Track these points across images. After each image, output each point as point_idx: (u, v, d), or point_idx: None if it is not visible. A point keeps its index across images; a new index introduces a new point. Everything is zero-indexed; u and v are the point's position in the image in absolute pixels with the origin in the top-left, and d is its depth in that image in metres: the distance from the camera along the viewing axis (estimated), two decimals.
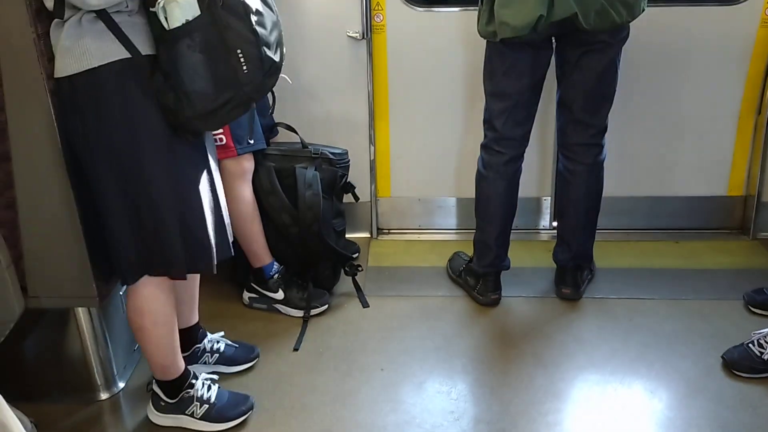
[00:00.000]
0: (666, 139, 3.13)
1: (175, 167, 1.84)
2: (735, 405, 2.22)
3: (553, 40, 2.47)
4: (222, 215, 2.00)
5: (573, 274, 2.78)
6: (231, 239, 2.06)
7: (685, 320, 2.63)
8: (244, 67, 1.72)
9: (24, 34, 1.78)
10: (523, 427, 2.17)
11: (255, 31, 1.71)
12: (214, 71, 1.72)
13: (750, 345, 2.35)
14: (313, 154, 2.76)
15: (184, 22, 1.68)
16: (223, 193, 2.07)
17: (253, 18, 1.72)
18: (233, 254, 2.06)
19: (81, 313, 2.22)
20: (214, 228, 1.95)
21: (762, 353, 2.31)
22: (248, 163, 2.62)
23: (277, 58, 1.78)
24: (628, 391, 2.31)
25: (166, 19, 1.68)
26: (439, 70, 3.05)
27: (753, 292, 2.68)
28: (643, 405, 2.26)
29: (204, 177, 1.92)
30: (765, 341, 2.33)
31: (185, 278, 1.98)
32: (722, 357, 2.37)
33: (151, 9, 1.72)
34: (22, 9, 1.75)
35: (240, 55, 1.71)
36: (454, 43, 3.00)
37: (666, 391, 2.30)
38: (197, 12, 1.68)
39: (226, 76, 1.73)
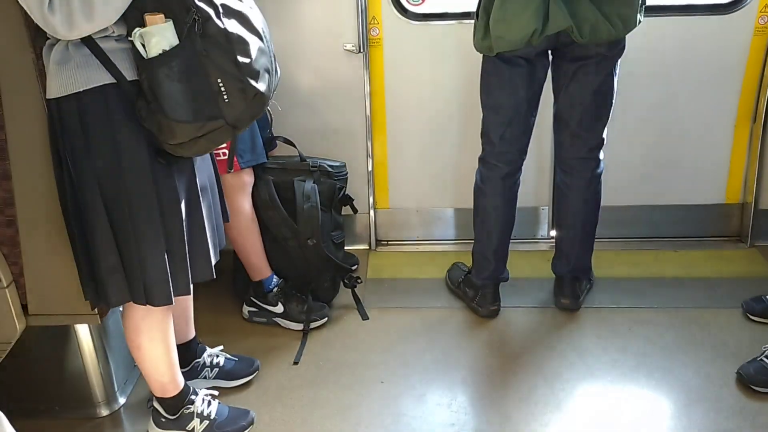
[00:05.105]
0: (663, 148, 3.13)
1: (157, 196, 1.80)
2: (735, 413, 2.22)
3: (550, 54, 2.48)
4: (206, 238, 1.95)
5: (572, 285, 2.77)
6: (215, 260, 2.02)
7: (685, 329, 2.63)
8: (225, 97, 1.68)
9: (23, 53, 1.79)
10: None
11: (237, 60, 1.67)
12: (194, 100, 1.68)
13: (764, 359, 2.33)
14: (312, 167, 2.77)
15: (161, 51, 1.64)
16: (220, 211, 2.08)
17: (236, 47, 1.67)
18: (214, 277, 2.01)
19: (81, 329, 2.23)
20: (191, 253, 1.90)
21: None
22: (248, 177, 2.64)
23: (262, 87, 1.71)
24: (629, 400, 2.32)
25: (144, 47, 1.64)
26: (435, 82, 3.06)
27: (751, 300, 2.68)
28: (644, 414, 2.26)
29: (188, 202, 1.88)
30: None
31: (172, 303, 1.93)
32: (738, 372, 2.34)
33: (128, 38, 1.68)
34: (22, 29, 1.77)
35: (221, 85, 1.67)
36: (450, 55, 3.01)
37: (666, 400, 2.31)
38: (176, 41, 1.65)
39: (207, 105, 1.69)
